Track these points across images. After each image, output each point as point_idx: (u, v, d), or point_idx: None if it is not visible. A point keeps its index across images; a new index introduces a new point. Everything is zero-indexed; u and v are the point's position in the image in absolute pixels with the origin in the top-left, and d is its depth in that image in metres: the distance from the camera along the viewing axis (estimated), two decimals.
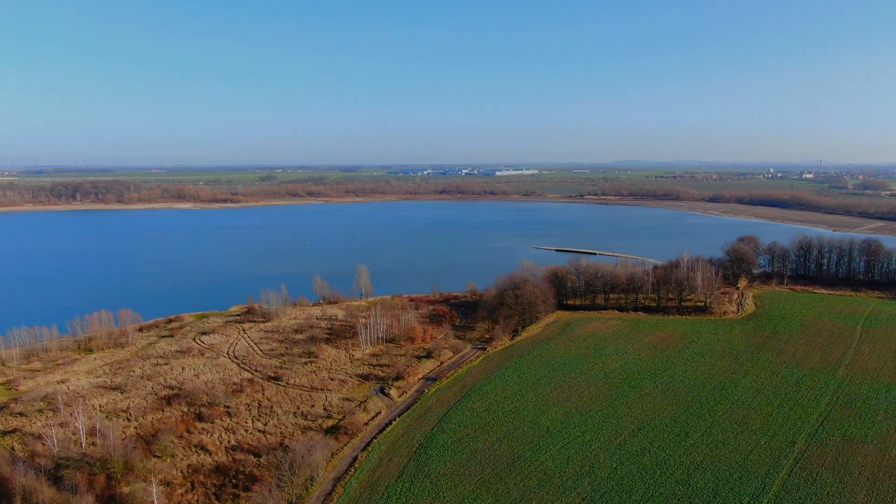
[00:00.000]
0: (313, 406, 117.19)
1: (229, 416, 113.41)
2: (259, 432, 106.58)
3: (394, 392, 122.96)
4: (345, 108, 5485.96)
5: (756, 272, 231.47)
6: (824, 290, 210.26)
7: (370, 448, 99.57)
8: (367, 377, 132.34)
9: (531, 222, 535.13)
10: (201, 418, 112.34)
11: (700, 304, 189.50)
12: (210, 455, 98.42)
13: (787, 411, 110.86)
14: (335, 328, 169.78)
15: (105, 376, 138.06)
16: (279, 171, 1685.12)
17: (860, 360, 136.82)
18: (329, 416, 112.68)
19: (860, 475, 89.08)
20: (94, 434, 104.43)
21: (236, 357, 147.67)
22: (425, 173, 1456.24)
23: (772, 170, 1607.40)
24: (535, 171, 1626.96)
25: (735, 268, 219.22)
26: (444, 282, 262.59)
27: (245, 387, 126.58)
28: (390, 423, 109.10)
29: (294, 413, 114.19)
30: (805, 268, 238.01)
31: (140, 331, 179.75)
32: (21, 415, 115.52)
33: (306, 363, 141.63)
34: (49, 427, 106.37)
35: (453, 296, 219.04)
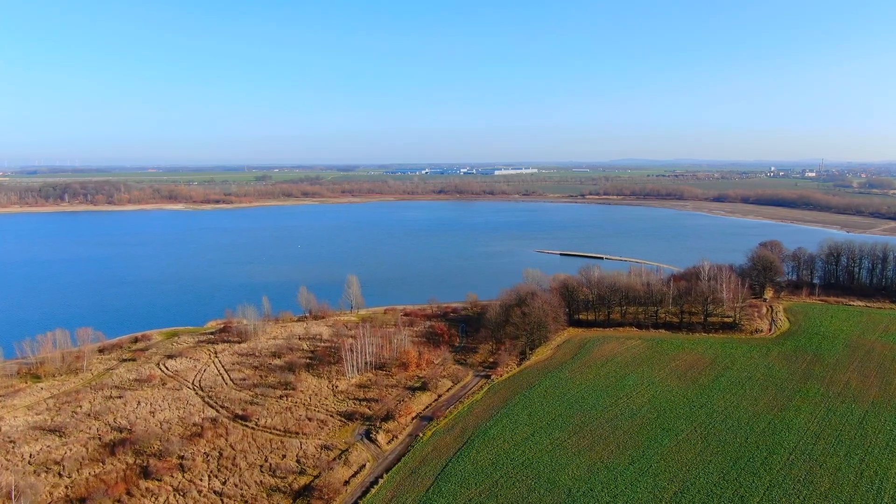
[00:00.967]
0: (284, 457, 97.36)
1: (182, 470, 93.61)
2: (215, 495, 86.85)
3: (382, 437, 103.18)
4: (343, 108, 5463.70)
5: (779, 279, 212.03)
6: (860, 302, 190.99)
7: None
8: (351, 416, 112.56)
9: (532, 223, 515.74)
10: (147, 474, 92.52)
11: (727, 319, 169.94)
12: None
13: (858, 464, 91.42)
14: (318, 352, 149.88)
15: (47, 413, 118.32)
16: (276, 170, 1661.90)
17: None
18: (302, 472, 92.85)
19: None
20: (10, 499, 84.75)
21: (202, 388, 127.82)
22: (423, 172, 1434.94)
23: (773, 168, 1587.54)
24: (535, 169, 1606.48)
25: (761, 277, 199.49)
26: (442, 291, 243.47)
27: (206, 429, 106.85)
28: (376, 481, 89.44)
29: (260, 467, 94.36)
30: (835, 276, 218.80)
31: (101, 352, 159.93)
32: None
33: (282, 397, 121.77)
34: None
35: (452, 308, 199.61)
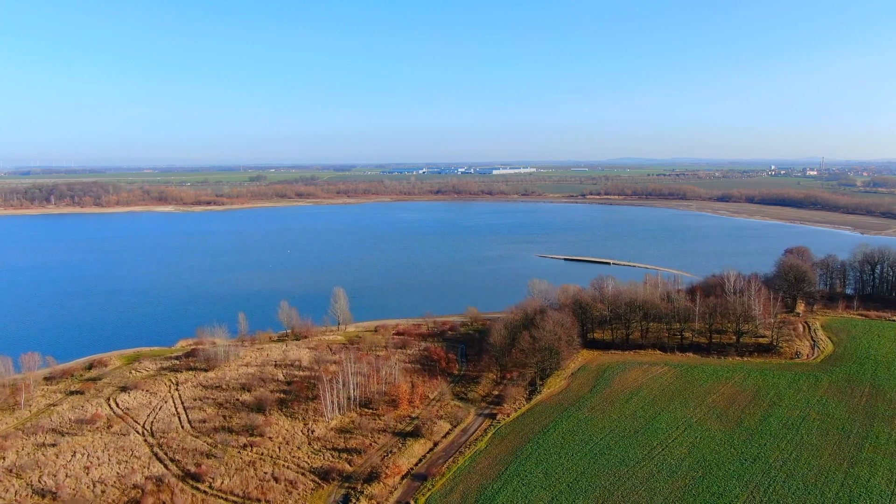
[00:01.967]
0: None
1: None
2: None
3: None
4: (340, 107, 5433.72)
5: (810, 290, 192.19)
6: None
7: None
8: (326, 474, 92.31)
9: (533, 225, 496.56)
10: None
11: (762, 339, 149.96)
12: None
13: None
14: (294, 384, 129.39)
15: None
16: (272, 170, 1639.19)
17: None
18: None
19: None
20: None
21: (153, 434, 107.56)
22: (421, 172, 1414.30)
23: (773, 167, 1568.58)
24: (533, 169, 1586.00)
25: (793, 289, 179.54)
26: (439, 302, 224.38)
27: (148, 494, 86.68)
28: None
29: None
30: (871, 286, 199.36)
31: (48, 381, 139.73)
32: None
33: (246, 446, 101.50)
34: None
35: (450, 325, 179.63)
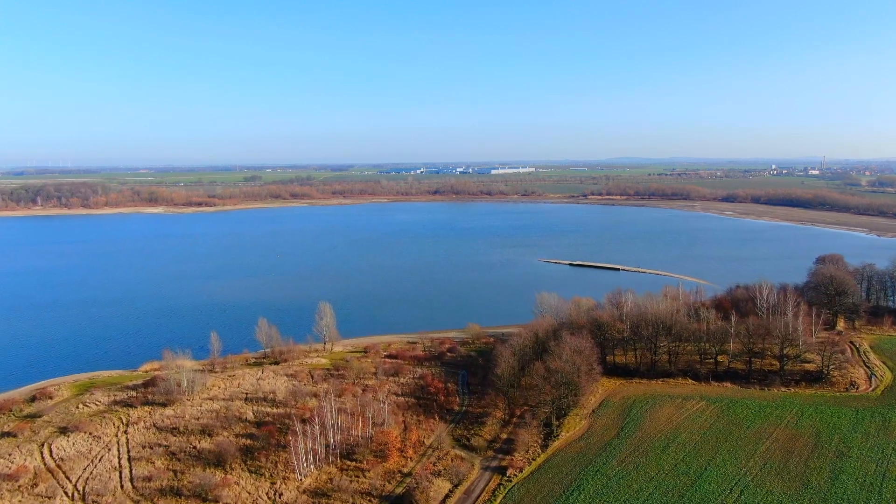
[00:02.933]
0: None
1: None
2: None
3: None
4: (338, 107, 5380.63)
5: (851, 301, 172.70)
6: None
7: None
8: None
9: (534, 227, 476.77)
10: None
11: (808, 365, 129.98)
12: None
13: None
14: (264, 427, 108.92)
15: None
16: (268, 170, 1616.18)
17: None
18: None
19: None
20: None
21: (84, 498, 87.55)
22: (418, 172, 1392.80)
23: (774, 167, 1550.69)
24: (532, 168, 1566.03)
25: (834, 304, 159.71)
26: (436, 315, 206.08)
27: None
28: None
29: None
30: None
31: None
32: None
33: None
34: None
35: (448, 343, 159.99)
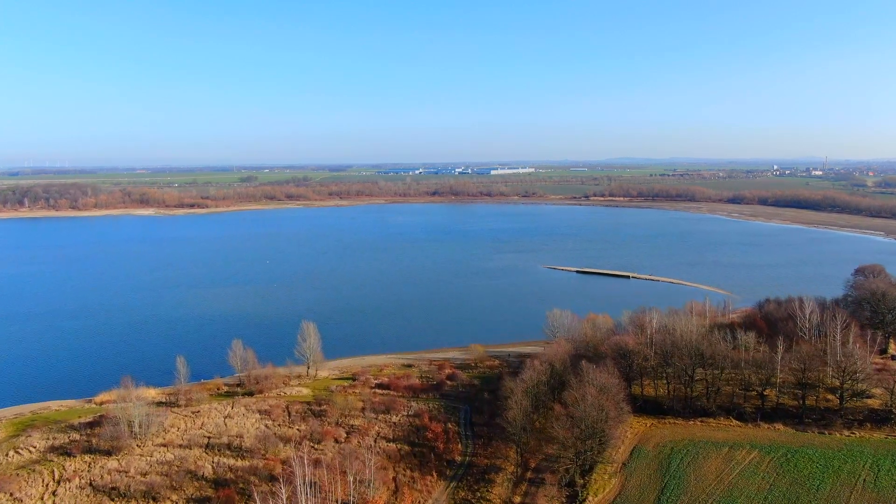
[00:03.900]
0: None
1: None
2: None
3: None
4: (336, 107, 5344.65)
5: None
6: None
7: None
8: None
9: (536, 230, 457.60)
10: None
11: (871, 402, 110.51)
12: None
13: None
14: (222, 490, 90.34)
15: None
16: (266, 170, 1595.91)
17: None
18: None
19: None
20: None
21: None
22: (417, 172, 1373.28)
23: (776, 167, 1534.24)
24: (532, 169, 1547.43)
25: (887, 325, 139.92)
26: (434, 329, 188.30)
27: None
28: None
29: None
30: None
31: None
32: None
33: None
34: None
35: (448, 370, 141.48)
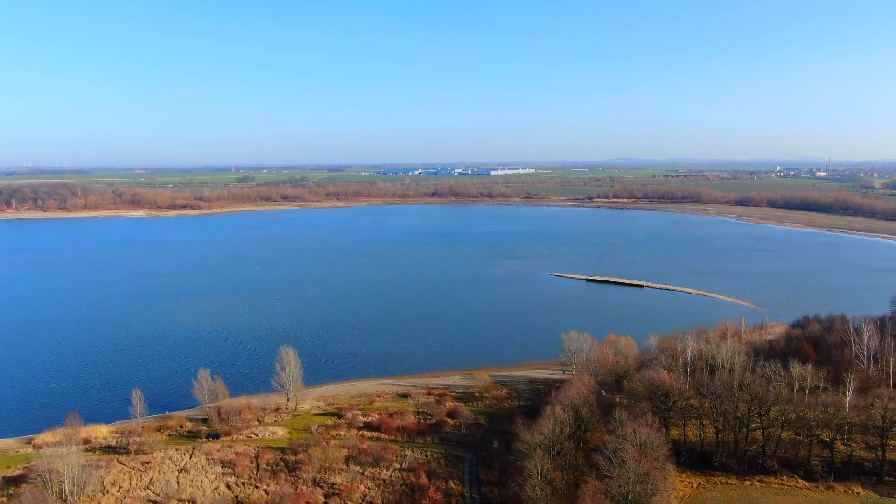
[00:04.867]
0: None
1: None
2: None
3: None
4: (336, 107, 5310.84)
5: None
6: None
7: None
8: None
9: (539, 234, 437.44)
10: None
11: None
12: None
13: None
14: None
15: None
16: (264, 171, 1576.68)
17: None
18: None
19: None
20: None
21: None
22: (416, 173, 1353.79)
23: (779, 168, 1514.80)
24: (532, 169, 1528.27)
25: None
26: (431, 346, 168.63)
27: None
28: None
29: None
30: None
31: None
32: None
33: None
34: None
35: (449, 403, 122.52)
